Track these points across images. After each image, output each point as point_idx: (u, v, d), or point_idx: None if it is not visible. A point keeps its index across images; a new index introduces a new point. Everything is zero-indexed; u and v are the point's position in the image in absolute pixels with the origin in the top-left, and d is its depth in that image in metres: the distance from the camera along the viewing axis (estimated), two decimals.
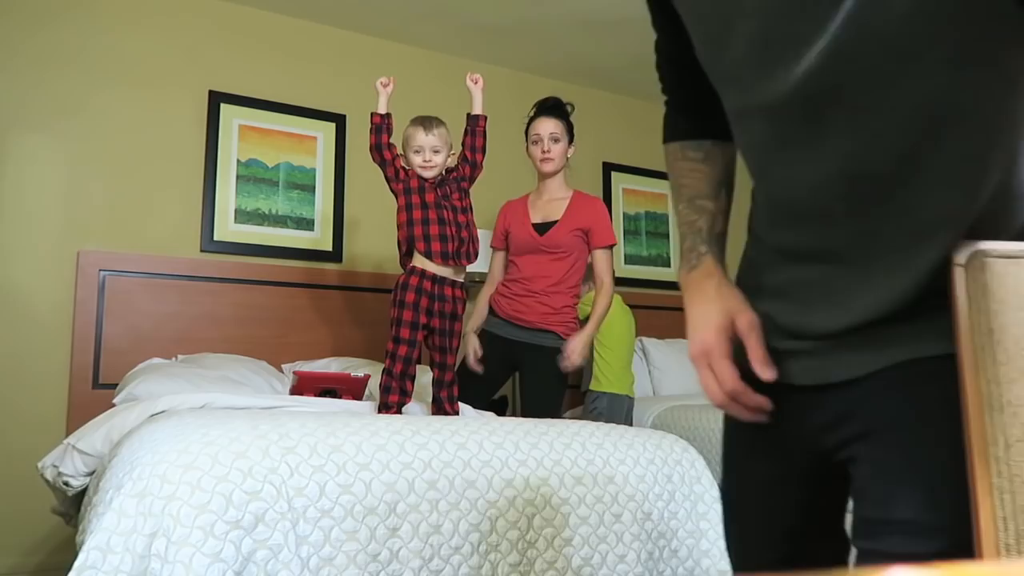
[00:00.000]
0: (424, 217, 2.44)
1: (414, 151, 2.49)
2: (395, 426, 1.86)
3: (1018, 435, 0.61)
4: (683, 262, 1.02)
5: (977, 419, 0.63)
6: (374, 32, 4.09)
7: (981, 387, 0.63)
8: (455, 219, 2.47)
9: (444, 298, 2.45)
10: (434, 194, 2.47)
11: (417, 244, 2.44)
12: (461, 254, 2.46)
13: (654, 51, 1.06)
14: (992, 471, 0.62)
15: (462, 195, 2.53)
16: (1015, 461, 0.61)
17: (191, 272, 3.47)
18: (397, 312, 2.42)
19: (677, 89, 1.06)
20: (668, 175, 1.08)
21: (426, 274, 2.44)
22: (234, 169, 3.67)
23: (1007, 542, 0.60)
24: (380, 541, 1.64)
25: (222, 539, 1.47)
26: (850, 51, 0.70)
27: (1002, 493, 0.61)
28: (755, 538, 1.00)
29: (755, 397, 0.89)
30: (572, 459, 1.95)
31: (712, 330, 0.91)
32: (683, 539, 2.02)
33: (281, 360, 3.50)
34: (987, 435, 0.62)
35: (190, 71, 3.64)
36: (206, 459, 1.56)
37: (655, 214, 4.95)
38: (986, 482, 0.62)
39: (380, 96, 2.56)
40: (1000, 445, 0.62)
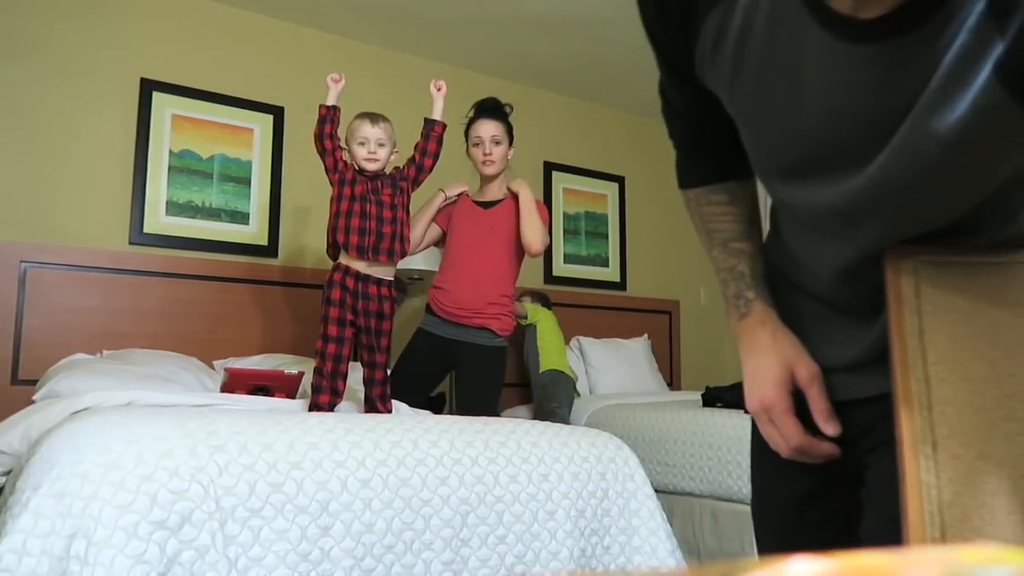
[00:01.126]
0: (348, 209, 2.43)
1: (359, 143, 2.48)
2: (328, 424, 1.84)
3: (946, 433, 0.63)
4: (731, 310, 0.97)
5: (908, 417, 0.65)
6: (316, 25, 4.03)
7: (912, 386, 0.65)
8: (379, 214, 2.45)
9: (369, 296, 2.43)
10: (363, 187, 2.46)
11: (338, 235, 2.43)
12: (380, 250, 2.43)
13: (660, 96, 0.97)
14: (921, 467, 0.63)
15: (395, 192, 2.51)
16: (942, 459, 0.63)
17: (119, 265, 3.37)
18: (324, 309, 2.41)
19: (693, 141, 1.00)
20: (693, 219, 1.03)
21: (349, 271, 2.42)
22: (166, 160, 3.57)
23: (933, 536, 0.62)
24: (311, 540, 1.62)
25: (146, 540, 1.43)
26: (894, 177, 0.71)
27: (930, 489, 0.63)
28: (792, 550, 0.99)
29: (822, 446, 0.87)
30: (507, 457, 1.95)
31: (771, 384, 0.88)
32: (615, 536, 2.05)
33: (213, 357, 3.42)
34: (917, 432, 0.64)
35: (121, 58, 3.52)
36: (130, 458, 1.51)
37: (595, 214, 4.99)
38: (915, 477, 0.63)
39: (331, 89, 2.58)
40: (929, 443, 0.64)
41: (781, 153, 0.80)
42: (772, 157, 0.82)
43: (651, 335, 4.86)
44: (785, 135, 0.77)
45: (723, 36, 0.78)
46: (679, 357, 5.17)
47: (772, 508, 1.03)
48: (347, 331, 2.40)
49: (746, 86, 0.78)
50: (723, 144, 0.93)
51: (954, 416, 0.64)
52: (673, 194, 5.56)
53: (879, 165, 0.70)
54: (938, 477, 0.63)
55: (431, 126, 2.64)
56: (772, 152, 0.82)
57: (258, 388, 2.56)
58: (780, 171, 0.82)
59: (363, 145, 2.48)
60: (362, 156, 2.48)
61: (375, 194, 2.47)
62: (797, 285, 0.93)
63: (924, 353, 0.67)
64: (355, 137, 2.50)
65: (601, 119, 5.10)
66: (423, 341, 2.98)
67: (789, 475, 0.97)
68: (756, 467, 1.05)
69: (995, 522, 0.62)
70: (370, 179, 2.48)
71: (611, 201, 5.07)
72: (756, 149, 0.84)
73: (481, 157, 2.98)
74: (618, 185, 5.10)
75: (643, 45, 1.21)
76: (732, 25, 0.76)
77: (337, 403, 2.37)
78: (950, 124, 0.63)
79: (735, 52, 0.77)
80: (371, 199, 2.46)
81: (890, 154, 0.69)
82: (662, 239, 5.28)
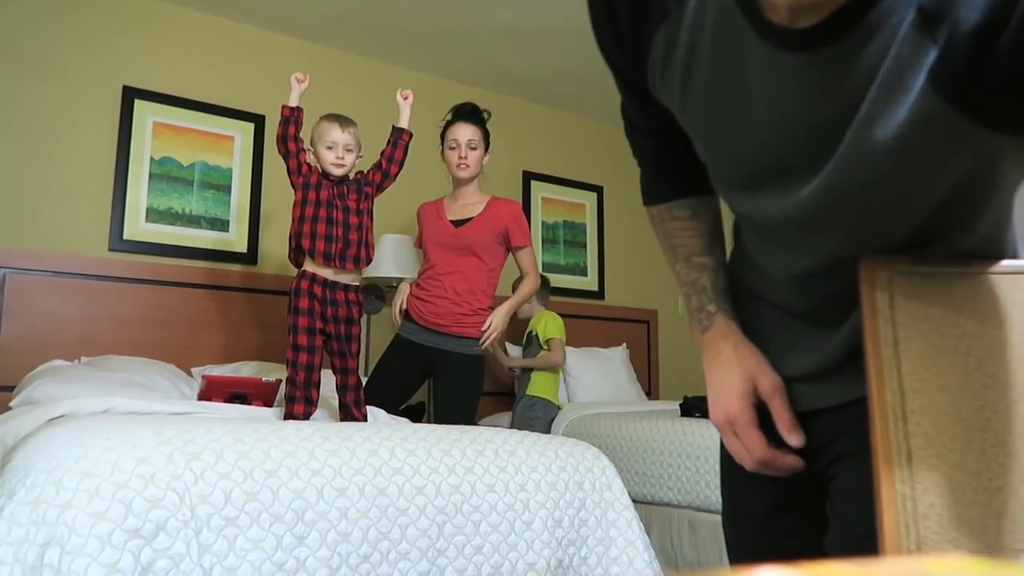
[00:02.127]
0: (314, 215, 2.40)
1: (327, 147, 2.45)
2: (305, 432, 1.84)
3: (921, 444, 0.63)
4: (694, 323, 0.98)
5: (882, 427, 0.65)
6: (296, 34, 4.04)
7: (886, 396, 0.65)
8: (345, 220, 2.43)
9: (337, 303, 2.41)
10: (328, 192, 2.43)
11: (303, 241, 2.40)
12: (347, 256, 2.41)
13: (622, 117, 1.00)
14: (896, 478, 0.63)
15: (360, 198, 2.49)
16: (917, 469, 0.63)
17: (98, 271, 3.35)
18: (293, 319, 2.37)
19: (655, 158, 1.02)
20: (657, 235, 1.04)
21: (316, 278, 2.39)
22: (147, 167, 3.56)
23: (909, 547, 0.62)
24: (287, 550, 1.62)
25: (120, 549, 1.42)
26: (843, 186, 0.72)
27: (905, 500, 0.63)
28: (764, 561, 1.00)
29: (786, 459, 0.88)
30: (484, 466, 1.96)
31: (734, 396, 0.89)
32: (592, 546, 2.06)
33: (191, 364, 3.40)
34: (892, 443, 0.64)
35: (103, 66, 3.52)
36: (106, 465, 1.51)
37: (573, 223, 5.02)
38: (891, 489, 0.63)
39: (293, 89, 2.53)
40: (904, 453, 0.64)
41: (736, 165, 0.81)
42: (727, 170, 0.84)
43: (629, 344, 4.89)
44: (737, 147, 0.79)
45: (672, 52, 0.79)
46: (657, 366, 5.20)
47: (742, 520, 1.04)
48: (317, 340, 2.38)
49: (696, 100, 0.79)
50: (684, 161, 0.94)
51: (929, 427, 0.64)
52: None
53: (828, 173, 0.71)
54: (913, 488, 0.63)
55: (399, 134, 2.64)
56: (727, 165, 0.83)
57: (236, 396, 2.55)
58: (736, 184, 0.83)
59: (331, 149, 2.45)
60: (329, 160, 2.45)
61: (341, 199, 2.45)
62: (760, 295, 0.94)
63: (899, 363, 0.67)
64: (323, 140, 2.46)
65: (580, 129, 5.14)
66: (401, 348, 2.98)
67: (757, 487, 0.98)
68: (725, 479, 1.06)
69: (971, 533, 0.62)
70: (336, 184, 2.46)
71: (589, 211, 5.10)
72: (712, 163, 0.86)
73: (456, 160, 2.98)
74: (596, 195, 5.14)
75: None
76: (680, 40, 0.77)
77: (312, 412, 2.36)
78: (891, 132, 0.65)
79: (684, 67, 0.78)
80: (337, 204, 2.43)
81: (837, 162, 0.70)
82: (640, 249, 5.31)
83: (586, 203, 5.09)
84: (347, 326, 2.42)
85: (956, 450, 0.63)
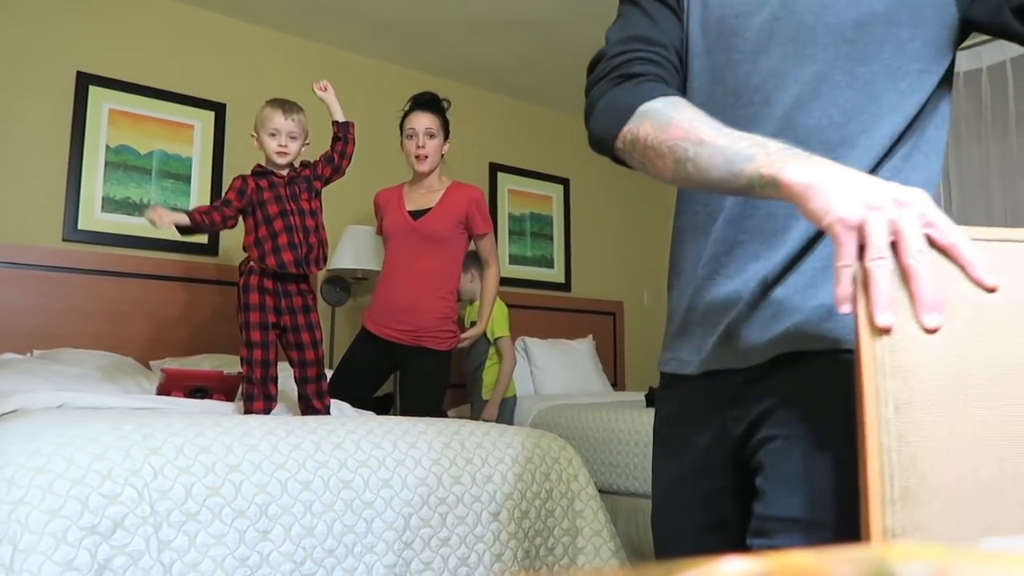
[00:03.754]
0: (270, 232, 2.31)
1: (269, 134, 2.36)
2: (268, 426, 1.80)
3: (906, 399, 0.66)
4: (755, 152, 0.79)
5: (870, 381, 0.67)
6: (259, 21, 3.96)
7: (876, 352, 0.67)
8: (303, 224, 2.36)
9: (290, 294, 2.35)
10: (273, 193, 2.34)
11: (267, 259, 2.30)
12: (310, 261, 2.34)
13: (618, 52, 1.02)
14: (882, 431, 0.66)
15: (311, 195, 2.42)
16: (902, 423, 0.66)
17: (51, 262, 3.26)
18: (244, 316, 2.30)
19: (659, 67, 0.99)
20: (651, 149, 0.91)
21: (266, 271, 2.32)
22: (102, 155, 3.47)
23: (892, 498, 0.65)
24: (250, 545, 1.59)
25: (75, 546, 1.38)
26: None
27: (889, 452, 0.65)
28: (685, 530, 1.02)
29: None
30: (451, 458, 1.95)
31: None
32: (559, 536, 2.05)
33: (150, 357, 3.33)
34: (879, 398, 0.66)
35: (56, 50, 3.42)
36: (60, 461, 1.46)
37: (540, 215, 5.01)
38: (875, 440, 0.66)
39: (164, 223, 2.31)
40: (890, 407, 0.66)
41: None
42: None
43: (595, 336, 4.90)
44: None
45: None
46: (623, 358, 5.23)
47: (670, 490, 1.04)
48: (270, 334, 2.32)
49: None
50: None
51: (915, 382, 0.67)
52: (618, 196, 5.63)
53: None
54: (898, 440, 0.66)
55: (347, 128, 2.54)
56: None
57: (196, 390, 2.50)
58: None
59: (274, 136, 2.36)
60: (272, 149, 2.36)
61: (294, 201, 2.37)
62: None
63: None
64: (265, 127, 2.37)
65: (547, 121, 5.13)
66: (366, 340, 2.95)
67: (679, 455, 1.01)
68: (655, 457, 1.07)
69: (949, 487, 0.65)
70: (287, 184, 2.38)
71: (556, 203, 5.10)
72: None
73: (414, 150, 2.94)
74: (563, 187, 5.14)
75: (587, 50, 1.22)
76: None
77: (272, 408, 2.31)
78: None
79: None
80: (291, 209, 2.35)
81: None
82: (606, 241, 5.33)
83: (553, 195, 5.09)
84: (304, 315, 2.37)
85: (939, 404, 0.66)
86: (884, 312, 0.65)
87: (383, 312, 2.91)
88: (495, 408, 3.52)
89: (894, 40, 0.88)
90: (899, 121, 0.89)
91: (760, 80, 0.94)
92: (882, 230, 0.66)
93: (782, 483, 0.86)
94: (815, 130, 0.90)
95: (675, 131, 0.87)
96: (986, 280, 0.65)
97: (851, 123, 0.89)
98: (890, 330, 0.66)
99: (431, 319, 2.87)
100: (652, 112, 0.91)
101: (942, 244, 0.66)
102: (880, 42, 0.88)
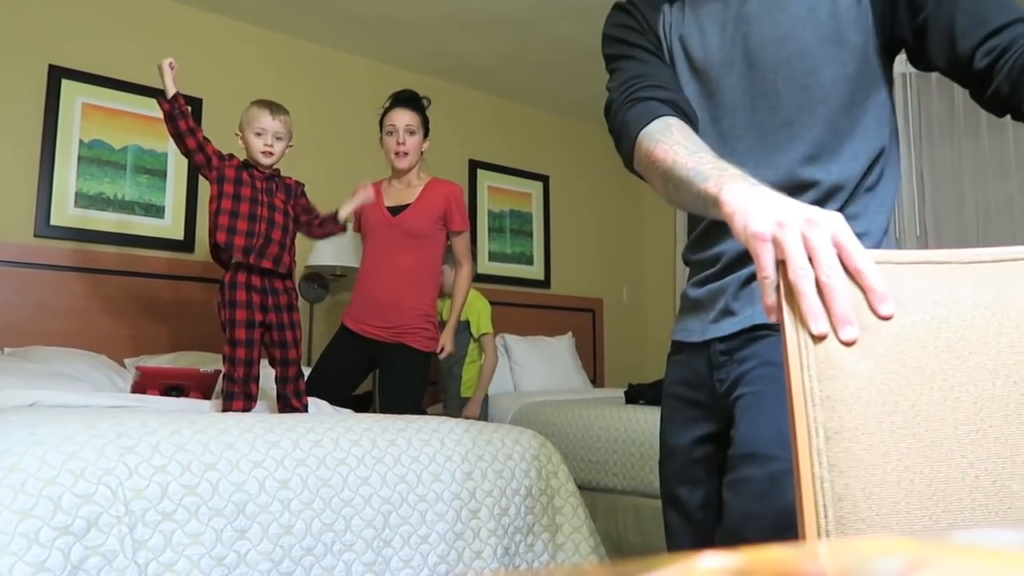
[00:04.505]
0: (233, 209, 2.27)
1: (255, 133, 2.34)
2: (245, 424, 1.79)
3: (836, 428, 0.66)
4: (709, 176, 0.86)
5: (800, 412, 0.67)
6: (237, 16, 3.92)
7: (804, 382, 0.67)
8: (270, 217, 2.31)
9: (276, 291, 2.33)
10: (251, 188, 2.31)
11: (219, 234, 2.24)
12: (266, 254, 2.29)
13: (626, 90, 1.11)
14: (814, 461, 0.66)
15: (289, 200, 2.40)
16: (833, 452, 0.66)
17: (23, 258, 3.21)
18: (229, 313, 2.26)
19: (663, 90, 1.10)
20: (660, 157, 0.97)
21: (253, 269, 2.29)
22: (75, 150, 3.42)
23: (827, 528, 0.65)
24: (227, 544, 1.57)
25: (48, 546, 1.36)
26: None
27: (822, 483, 0.66)
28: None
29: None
30: (431, 456, 1.94)
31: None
32: (539, 533, 2.05)
33: (125, 355, 3.29)
34: (809, 427, 0.67)
35: (28, 43, 3.36)
36: (32, 460, 1.44)
37: (520, 212, 5.01)
38: (808, 471, 0.66)
39: (165, 77, 2.24)
40: (821, 436, 0.66)
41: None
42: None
43: (575, 333, 4.91)
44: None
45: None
46: (603, 355, 5.24)
47: (676, 452, 1.21)
48: (256, 333, 2.29)
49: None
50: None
51: (843, 411, 0.67)
52: (598, 194, 5.63)
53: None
54: (830, 470, 0.66)
55: (336, 226, 2.55)
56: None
57: (172, 388, 2.47)
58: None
59: (260, 136, 2.34)
60: (258, 148, 2.34)
61: (268, 195, 2.34)
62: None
63: (814, 351, 0.69)
64: (251, 127, 2.35)
65: (527, 119, 5.13)
66: (345, 338, 2.93)
67: (689, 423, 1.18)
68: (661, 434, 1.25)
69: (884, 512, 0.65)
70: (265, 179, 2.36)
71: (536, 200, 5.10)
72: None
73: (394, 147, 2.93)
74: (543, 184, 5.14)
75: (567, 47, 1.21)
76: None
77: (252, 407, 2.29)
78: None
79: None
80: (263, 200, 2.32)
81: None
82: (586, 238, 5.34)
83: (532, 192, 5.09)
84: (288, 313, 2.35)
85: (868, 432, 0.66)
86: (817, 319, 0.67)
87: (363, 309, 2.89)
88: (478, 405, 3.51)
89: (840, 75, 1.04)
90: (865, 147, 1.06)
91: (743, 132, 1.11)
92: (796, 245, 0.69)
93: (746, 429, 1.03)
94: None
95: (658, 153, 0.97)
96: (880, 309, 0.68)
97: (822, 155, 1.06)
98: (825, 337, 0.67)
99: (411, 316, 2.86)
100: (646, 136, 1.03)
101: (849, 268, 0.69)
102: (832, 82, 1.04)
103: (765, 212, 0.73)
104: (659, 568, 0.29)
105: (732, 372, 1.09)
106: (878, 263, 0.69)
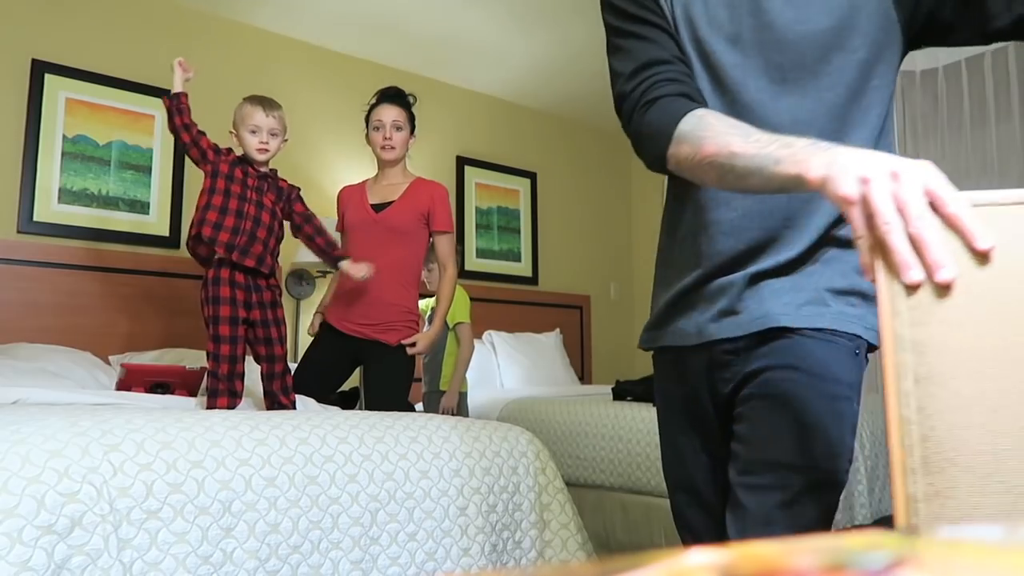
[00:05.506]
0: (223, 204, 2.27)
1: (250, 131, 2.34)
2: (232, 421, 1.77)
3: (924, 373, 0.68)
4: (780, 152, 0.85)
5: (891, 356, 0.69)
6: (222, 10, 3.89)
7: (896, 329, 0.69)
8: (257, 216, 2.31)
9: (260, 288, 2.32)
10: (241, 186, 2.31)
11: (204, 228, 2.24)
12: (249, 252, 2.28)
13: (637, 81, 1.08)
14: (902, 404, 0.68)
15: (278, 201, 2.39)
16: (921, 395, 0.68)
17: (7, 255, 3.18)
18: (213, 310, 2.25)
19: (679, 83, 1.08)
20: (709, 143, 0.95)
21: (237, 266, 2.28)
22: (59, 145, 3.39)
23: (912, 467, 0.67)
24: (213, 542, 1.56)
25: (31, 546, 1.35)
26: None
27: (909, 424, 0.68)
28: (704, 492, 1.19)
29: None
30: (418, 452, 1.93)
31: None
32: (527, 530, 2.05)
33: (109, 352, 3.27)
34: (899, 371, 0.69)
35: (10, 37, 3.33)
36: (15, 458, 1.42)
37: (507, 209, 5.01)
38: (896, 412, 0.68)
39: (176, 75, 2.39)
40: (909, 380, 0.68)
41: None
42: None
43: (563, 329, 4.91)
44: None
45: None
46: (590, 351, 5.25)
47: (682, 461, 1.20)
48: (240, 329, 2.27)
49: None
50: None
51: (932, 356, 0.69)
52: (585, 190, 5.65)
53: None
54: (918, 412, 0.68)
55: (334, 259, 2.59)
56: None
57: (157, 385, 2.46)
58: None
59: (255, 134, 2.34)
60: (253, 145, 2.34)
61: (258, 193, 2.33)
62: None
63: (905, 299, 0.69)
64: (245, 124, 2.35)
65: (514, 115, 5.12)
66: (329, 335, 2.92)
67: (687, 429, 1.18)
68: (661, 433, 1.24)
69: (969, 454, 0.68)
70: (259, 177, 2.35)
71: (523, 196, 5.10)
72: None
73: (381, 141, 2.92)
74: (530, 181, 5.14)
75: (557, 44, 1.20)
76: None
77: (237, 404, 2.27)
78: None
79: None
80: (251, 198, 2.31)
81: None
82: (573, 234, 5.34)
83: (520, 189, 5.09)
84: (272, 310, 2.34)
85: (956, 377, 0.68)
86: (907, 269, 0.67)
87: (345, 307, 2.88)
88: (454, 396, 3.45)
89: (850, 61, 1.03)
90: (867, 135, 1.04)
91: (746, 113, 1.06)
92: (881, 199, 0.69)
93: (764, 433, 1.05)
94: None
95: (709, 148, 0.95)
96: (977, 244, 0.67)
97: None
98: (918, 287, 0.68)
99: (395, 312, 2.85)
100: (685, 134, 1.00)
101: (943, 215, 0.68)
102: (841, 69, 1.03)
103: (849, 172, 0.73)
104: (646, 564, 0.29)
105: (741, 369, 1.08)
106: (976, 205, 0.68)
